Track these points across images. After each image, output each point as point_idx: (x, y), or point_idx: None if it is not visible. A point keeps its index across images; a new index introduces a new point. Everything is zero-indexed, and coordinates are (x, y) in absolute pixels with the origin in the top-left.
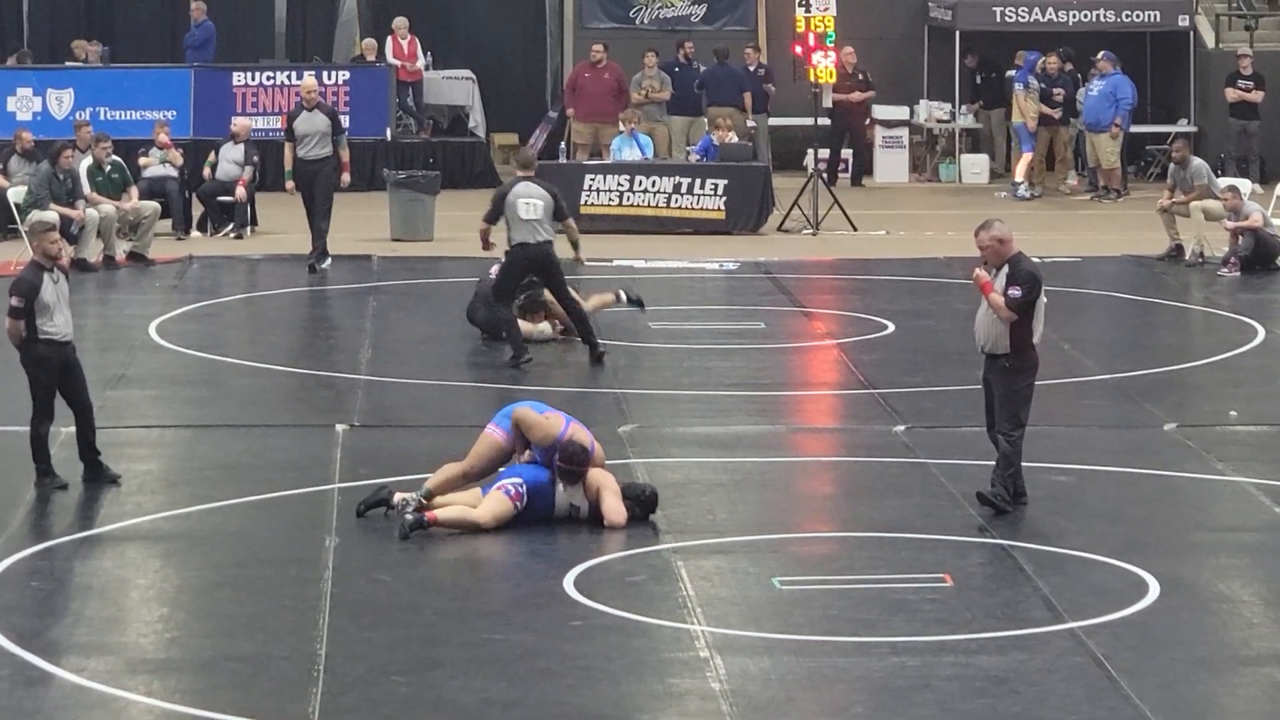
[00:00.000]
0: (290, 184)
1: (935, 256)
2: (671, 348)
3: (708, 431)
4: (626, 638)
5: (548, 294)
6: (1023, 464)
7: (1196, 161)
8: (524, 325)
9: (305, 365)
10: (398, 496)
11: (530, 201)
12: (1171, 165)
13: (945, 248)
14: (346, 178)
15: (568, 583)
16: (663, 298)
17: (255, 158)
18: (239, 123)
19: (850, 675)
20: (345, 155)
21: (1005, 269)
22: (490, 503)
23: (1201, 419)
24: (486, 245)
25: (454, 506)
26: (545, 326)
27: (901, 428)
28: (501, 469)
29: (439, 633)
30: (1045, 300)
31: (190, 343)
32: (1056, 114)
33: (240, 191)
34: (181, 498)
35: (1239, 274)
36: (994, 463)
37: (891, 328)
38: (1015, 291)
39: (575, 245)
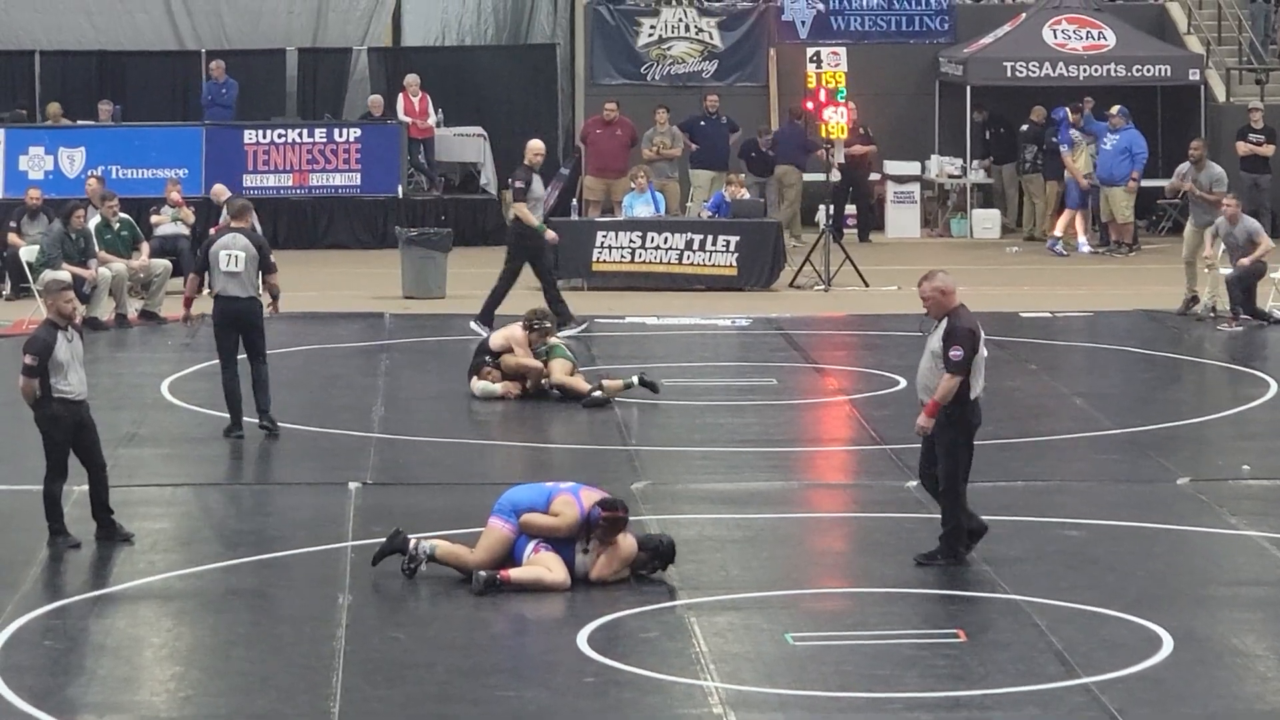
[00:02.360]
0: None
1: None
2: (684, 404)
3: (720, 488)
4: (640, 694)
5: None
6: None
7: (1216, 169)
8: (475, 383)
9: (318, 423)
10: (413, 543)
11: (231, 254)
12: (1221, 222)
13: None
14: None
15: (581, 639)
16: (675, 354)
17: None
18: (217, 189)
19: None
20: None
21: (944, 322)
22: (557, 565)
23: (1215, 473)
24: (187, 304)
25: (530, 567)
26: (495, 387)
27: (914, 483)
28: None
29: (453, 690)
30: (985, 354)
31: (202, 401)
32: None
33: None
34: (194, 556)
35: (1240, 329)
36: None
37: (903, 383)
38: (956, 353)
39: (274, 298)
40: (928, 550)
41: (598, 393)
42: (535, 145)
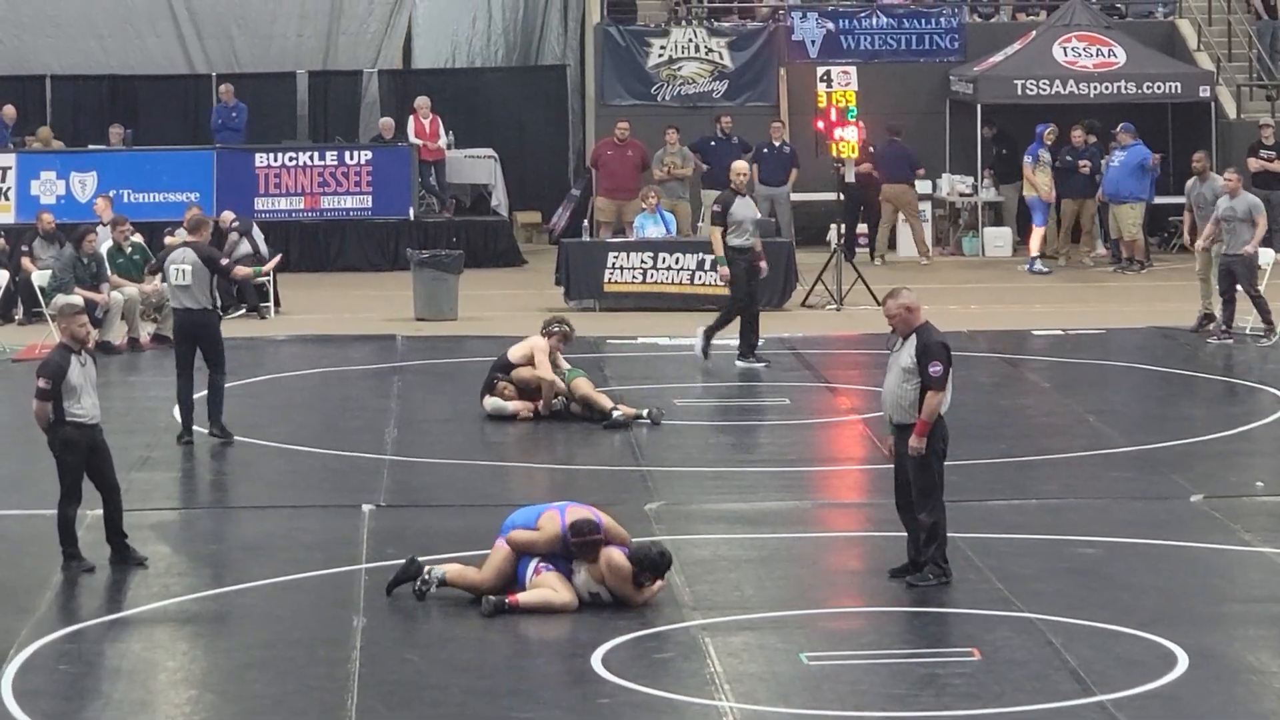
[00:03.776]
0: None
1: (959, 330)
2: (697, 424)
3: (734, 508)
4: (655, 715)
5: (526, 371)
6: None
7: (1220, 181)
8: (488, 400)
9: (331, 445)
10: (426, 570)
11: (180, 267)
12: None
13: (969, 321)
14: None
15: (595, 660)
16: (687, 375)
17: (259, 238)
18: (225, 216)
19: None
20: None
21: (912, 339)
22: (561, 585)
23: (1228, 490)
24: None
25: (538, 590)
26: (508, 405)
27: None
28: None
29: (468, 712)
30: (952, 369)
31: None
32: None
33: (239, 270)
34: (208, 579)
35: (1230, 341)
36: (924, 540)
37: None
38: (935, 369)
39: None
40: (910, 570)
41: (618, 413)
42: (738, 166)
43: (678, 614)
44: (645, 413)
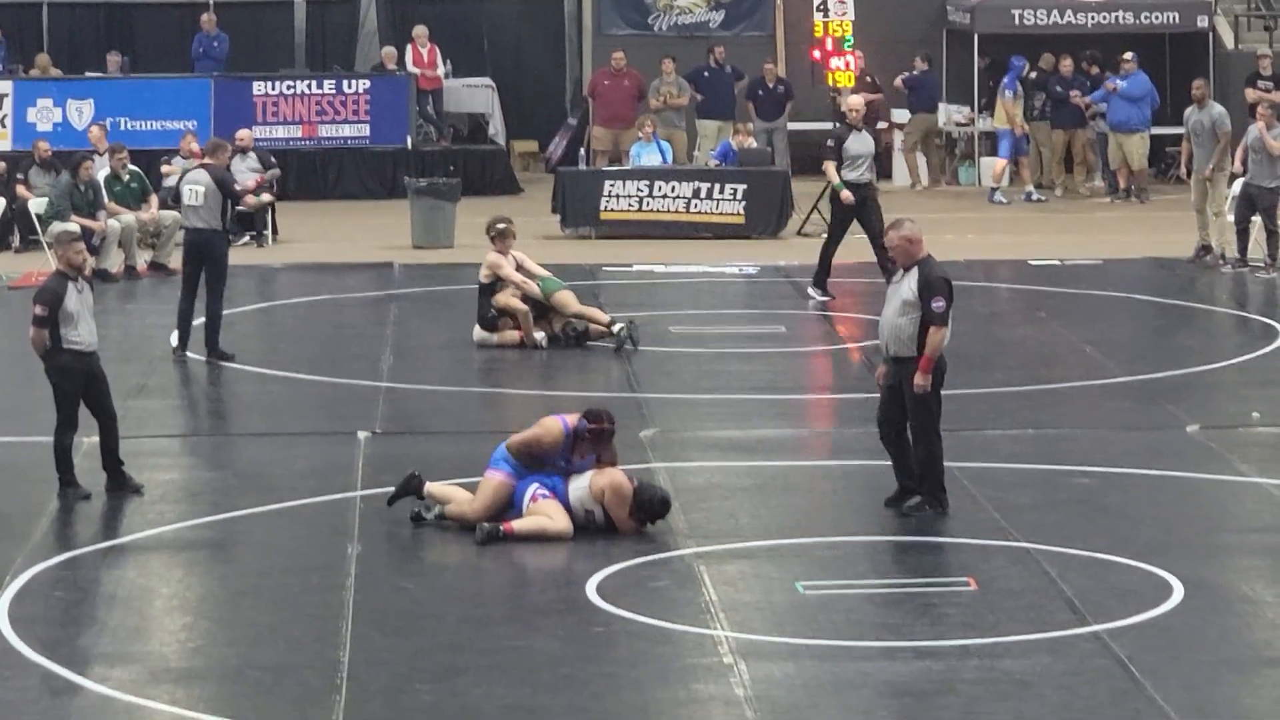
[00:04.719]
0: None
1: (955, 260)
2: (692, 352)
3: (729, 435)
4: (650, 644)
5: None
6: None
7: (1218, 109)
8: (477, 331)
9: (326, 373)
10: (427, 487)
11: (193, 188)
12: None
13: (965, 251)
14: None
15: (590, 589)
16: (683, 302)
17: (273, 159)
18: (242, 134)
19: (875, 680)
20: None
21: (914, 271)
22: (557, 513)
23: (1224, 421)
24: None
25: (533, 518)
26: (493, 337)
27: None
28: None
29: (462, 640)
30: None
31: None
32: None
33: (250, 199)
34: (204, 507)
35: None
36: (919, 471)
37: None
38: (939, 304)
39: (267, 187)
40: (914, 502)
41: (618, 326)
42: (853, 101)
43: (673, 542)
44: (621, 328)
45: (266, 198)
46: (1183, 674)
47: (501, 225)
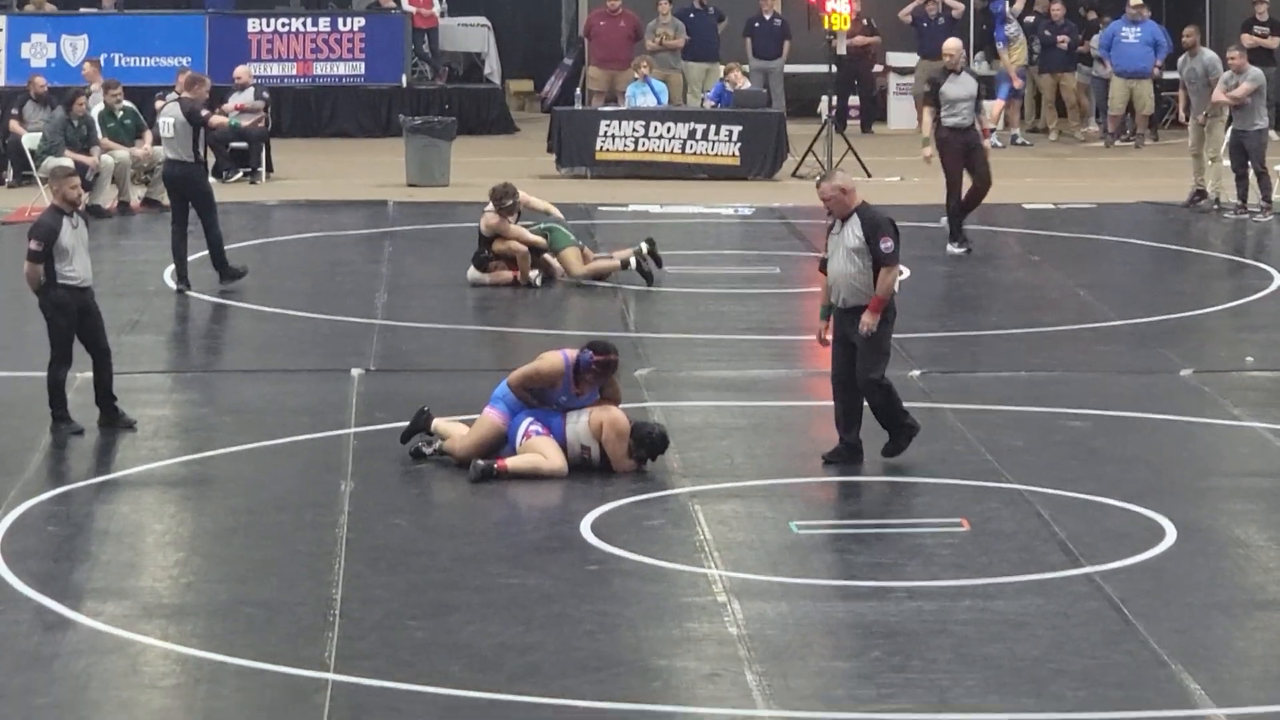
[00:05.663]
0: None
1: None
2: (687, 292)
3: (724, 375)
4: (643, 582)
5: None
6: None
7: (1209, 55)
8: (471, 272)
9: (320, 310)
10: (435, 423)
11: (166, 120)
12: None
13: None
14: None
15: (584, 527)
16: (678, 242)
17: (265, 94)
18: (241, 70)
19: (867, 620)
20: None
21: (854, 219)
22: (551, 450)
23: (1218, 364)
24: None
25: (527, 455)
26: (485, 276)
27: (917, 372)
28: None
29: (455, 577)
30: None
31: (205, 288)
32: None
33: (214, 119)
34: (197, 443)
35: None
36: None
37: (906, 273)
38: (887, 244)
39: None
40: (891, 445)
41: (631, 257)
42: (949, 45)
43: (667, 481)
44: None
45: (244, 122)
46: (1174, 617)
47: (510, 201)
